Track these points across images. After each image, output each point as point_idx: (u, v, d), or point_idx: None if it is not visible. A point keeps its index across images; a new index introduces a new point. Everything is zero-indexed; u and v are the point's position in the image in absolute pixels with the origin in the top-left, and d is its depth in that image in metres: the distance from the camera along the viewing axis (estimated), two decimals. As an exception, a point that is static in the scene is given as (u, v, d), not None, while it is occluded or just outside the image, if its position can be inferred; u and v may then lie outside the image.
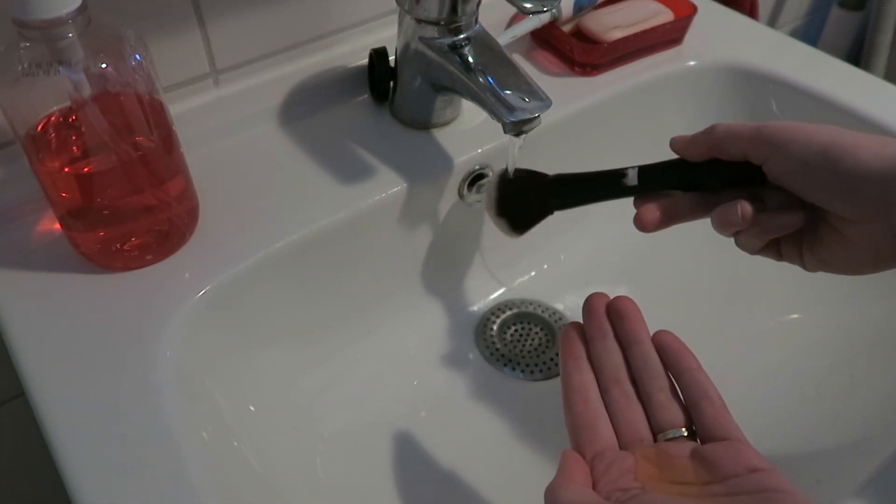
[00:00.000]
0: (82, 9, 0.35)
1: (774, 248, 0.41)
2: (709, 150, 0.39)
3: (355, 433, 0.52)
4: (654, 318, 0.42)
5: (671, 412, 0.38)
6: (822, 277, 0.61)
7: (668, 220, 0.41)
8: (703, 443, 0.36)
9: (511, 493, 0.50)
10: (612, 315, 0.42)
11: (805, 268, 0.41)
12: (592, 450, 0.37)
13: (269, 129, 0.54)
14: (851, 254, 0.38)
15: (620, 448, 0.37)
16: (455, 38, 0.48)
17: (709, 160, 0.40)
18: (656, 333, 0.41)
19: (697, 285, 0.61)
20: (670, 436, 0.37)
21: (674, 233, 0.42)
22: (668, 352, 0.40)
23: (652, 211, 0.41)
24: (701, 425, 0.37)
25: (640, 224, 0.41)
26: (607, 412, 0.39)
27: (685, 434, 0.37)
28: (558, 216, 0.45)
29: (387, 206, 0.51)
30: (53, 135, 0.41)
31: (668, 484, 0.34)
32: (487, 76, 0.46)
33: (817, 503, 0.31)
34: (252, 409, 0.49)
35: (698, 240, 0.64)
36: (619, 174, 0.42)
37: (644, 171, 0.42)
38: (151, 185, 0.43)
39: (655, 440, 0.37)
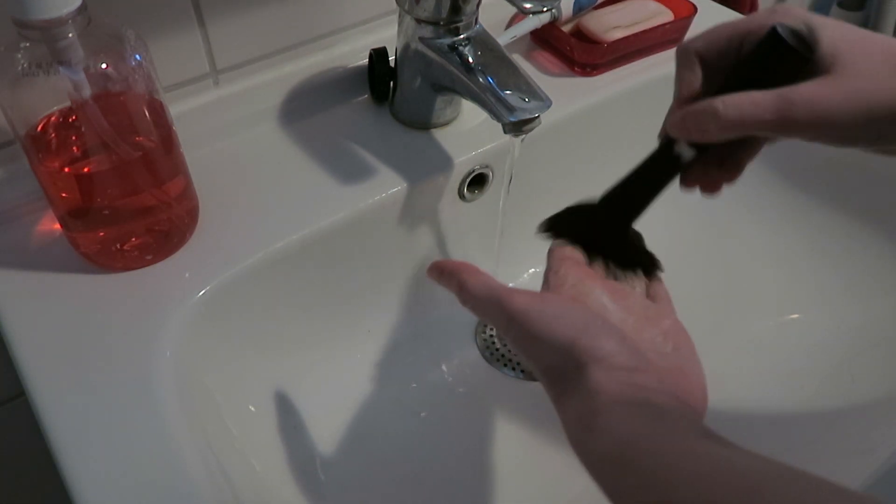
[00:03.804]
0: (82, 9, 0.35)
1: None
2: (717, 137, 0.36)
3: (355, 433, 0.52)
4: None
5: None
6: (822, 277, 0.61)
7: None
8: None
9: (510, 492, 0.50)
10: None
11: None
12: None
13: (269, 129, 0.54)
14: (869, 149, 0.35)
15: None
16: (455, 38, 0.48)
17: None
18: None
19: (697, 286, 0.61)
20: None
21: (674, 233, 0.42)
22: None
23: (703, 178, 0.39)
24: None
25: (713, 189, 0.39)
26: None
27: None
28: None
29: (387, 206, 0.51)
30: (53, 135, 0.41)
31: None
32: (487, 76, 0.46)
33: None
34: (252, 409, 0.49)
35: (699, 240, 0.64)
36: (670, 157, 0.38)
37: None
38: (151, 185, 0.43)
39: None
